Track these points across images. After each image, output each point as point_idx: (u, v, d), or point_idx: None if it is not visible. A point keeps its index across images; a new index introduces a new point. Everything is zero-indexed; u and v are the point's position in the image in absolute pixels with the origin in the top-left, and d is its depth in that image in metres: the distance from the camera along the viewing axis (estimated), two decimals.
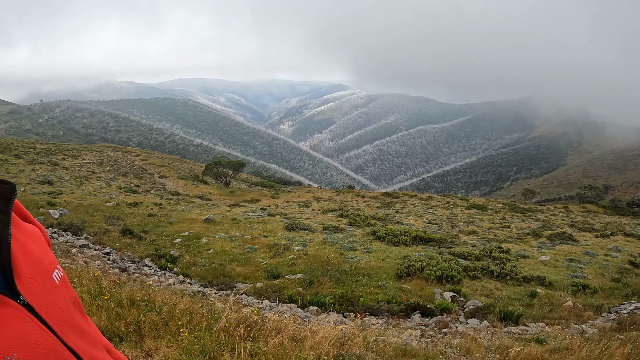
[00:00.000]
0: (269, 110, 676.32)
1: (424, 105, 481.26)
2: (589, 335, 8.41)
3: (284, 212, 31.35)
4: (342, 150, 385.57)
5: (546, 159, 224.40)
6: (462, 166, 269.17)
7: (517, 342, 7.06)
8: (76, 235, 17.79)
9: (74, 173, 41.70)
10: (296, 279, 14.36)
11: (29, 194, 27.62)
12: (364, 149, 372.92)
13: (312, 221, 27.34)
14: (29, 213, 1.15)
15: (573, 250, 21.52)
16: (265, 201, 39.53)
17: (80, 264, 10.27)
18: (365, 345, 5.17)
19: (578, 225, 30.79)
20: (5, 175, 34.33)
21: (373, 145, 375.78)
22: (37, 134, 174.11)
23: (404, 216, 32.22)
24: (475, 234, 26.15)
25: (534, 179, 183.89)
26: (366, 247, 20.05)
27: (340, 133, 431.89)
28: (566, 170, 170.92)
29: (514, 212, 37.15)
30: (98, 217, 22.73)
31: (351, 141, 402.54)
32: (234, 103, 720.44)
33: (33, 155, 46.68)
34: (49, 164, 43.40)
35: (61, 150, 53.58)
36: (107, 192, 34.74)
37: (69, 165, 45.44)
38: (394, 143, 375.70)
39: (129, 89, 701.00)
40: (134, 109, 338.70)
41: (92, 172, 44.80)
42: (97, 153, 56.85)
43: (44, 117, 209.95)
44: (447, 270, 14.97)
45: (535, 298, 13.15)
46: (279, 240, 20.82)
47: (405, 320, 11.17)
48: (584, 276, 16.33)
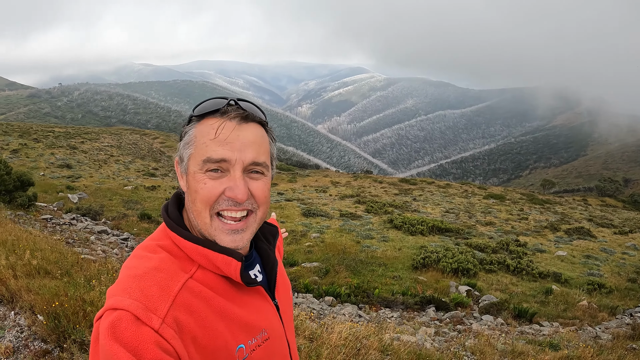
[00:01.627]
0: (287, 93, 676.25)
1: (443, 90, 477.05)
2: (603, 341, 8.32)
3: (301, 197, 31.43)
4: (360, 134, 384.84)
5: (566, 149, 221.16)
6: (480, 153, 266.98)
7: (531, 346, 7.01)
8: (95, 220, 18.01)
9: (92, 156, 42.05)
10: (312, 267, 14.41)
11: (49, 178, 27.98)
12: (382, 133, 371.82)
13: (329, 207, 27.37)
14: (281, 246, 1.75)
15: (590, 246, 21.25)
16: (283, 185, 39.57)
17: (98, 255, 10.38)
18: (381, 348, 5.17)
19: (596, 220, 30.39)
20: (24, 159, 34.80)
21: (391, 130, 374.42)
22: (56, 117, 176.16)
23: (422, 204, 32.07)
24: (492, 225, 25.95)
25: (553, 169, 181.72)
26: (383, 235, 20.02)
27: (358, 116, 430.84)
28: (586, 161, 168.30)
29: (532, 203, 36.76)
30: (116, 201, 22.99)
31: (369, 125, 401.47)
32: (252, 85, 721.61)
33: (52, 139, 47.09)
34: (67, 147, 43.76)
35: (80, 134, 53.93)
36: (125, 176, 35.02)
37: (87, 148, 45.81)
38: (412, 127, 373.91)
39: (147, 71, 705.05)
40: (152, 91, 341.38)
41: (110, 155, 45.13)
42: (116, 136, 57.20)
43: (62, 101, 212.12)
44: (463, 263, 14.90)
45: (550, 295, 13.02)
46: (296, 226, 20.89)
47: (419, 314, 11.16)
48: (600, 274, 16.14)
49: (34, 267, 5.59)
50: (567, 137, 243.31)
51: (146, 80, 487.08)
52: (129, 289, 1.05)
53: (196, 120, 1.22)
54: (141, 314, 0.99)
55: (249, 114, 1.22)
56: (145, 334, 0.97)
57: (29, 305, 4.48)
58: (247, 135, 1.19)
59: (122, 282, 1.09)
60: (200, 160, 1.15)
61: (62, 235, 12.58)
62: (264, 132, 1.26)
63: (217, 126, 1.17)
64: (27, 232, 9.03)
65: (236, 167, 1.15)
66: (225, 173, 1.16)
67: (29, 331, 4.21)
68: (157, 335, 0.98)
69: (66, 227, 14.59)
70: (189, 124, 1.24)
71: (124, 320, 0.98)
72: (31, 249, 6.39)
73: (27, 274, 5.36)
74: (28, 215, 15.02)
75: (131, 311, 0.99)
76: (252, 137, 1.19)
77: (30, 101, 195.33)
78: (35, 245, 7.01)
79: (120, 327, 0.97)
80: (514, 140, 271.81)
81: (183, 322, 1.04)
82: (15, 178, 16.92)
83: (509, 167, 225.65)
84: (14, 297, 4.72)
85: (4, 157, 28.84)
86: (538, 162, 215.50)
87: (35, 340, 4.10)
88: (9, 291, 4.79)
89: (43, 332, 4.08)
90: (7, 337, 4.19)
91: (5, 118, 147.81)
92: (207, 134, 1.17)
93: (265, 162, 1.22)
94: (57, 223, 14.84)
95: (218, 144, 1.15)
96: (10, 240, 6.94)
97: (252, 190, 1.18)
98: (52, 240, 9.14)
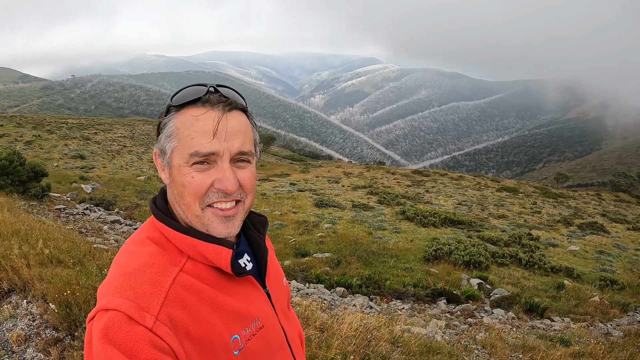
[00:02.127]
0: (300, 83, 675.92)
1: (457, 81, 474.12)
2: (614, 338, 8.23)
3: (313, 188, 31.45)
4: (373, 125, 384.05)
5: (580, 142, 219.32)
6: (494, 145, 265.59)
7: (541, 341, 6.96)
8: (108, 210, 18.15)
9: (105, 147, 42.32)
10: (324, 258, 14.40)
11: (62, 169, 28.23)
12: (395, 124, 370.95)
13: (341, 198, 27.36)
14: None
15: (603, 241, 20.99)
16: (295, 176, 39.59)
17: (111, 244, 10.47)
18: (391, 340, 5.16)
19: (610, 216, 30.02)
20: (38, 150, 35.13)
21: (404, 121, 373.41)
22: (70, 109, 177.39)
23: (434, 196, 31.93)
24: (505, 218, 25.78)
25: (567, 162, 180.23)
26: (395, 227, 19.97)
27: (371, 107, 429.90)
28: (600, 155, 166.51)
29: (546, 196, 36.43)
30: (129, 192, 23.13)
31: (382, 116, 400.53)
32: (264, 76, 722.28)
33: (65, 130, 47.40)
34: (81, 138, 44.05)
35: (93, 125, 54.24)
36: (138, 166, 35.21)
37: (100, 139, 46.09)
38: (425, 119, 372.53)
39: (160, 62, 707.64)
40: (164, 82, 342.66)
41: (123, 146, 45.38)
42: (129, 127, 57.49)
43: (75, 92, 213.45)
44: (475, 256, 14.82)
45: (562, 290, 12.89)
46: (308, 217, 20.90)
47: (430, 306, 11.13)
48: (613, 270, 15.94)
49: (47, 257, 5.63)
50: (581, 130, 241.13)
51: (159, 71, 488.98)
52: (120, 288, 1.05)
53: (175, 110, 1.20)
54: (134, 314, 1.00)
55: (232, 102, 1.19)
56: (139, 333, 0.98)
57: (41, 294, 4.51)
58: (232, 124, 1.17)
59: (113, 281, 1.09)
60: (187, 153, 1.13)
61: (75, 225, 12.69)
62: (247, 119, 1.24)
63: (200, 117, 1.14)
64: (41, 222, 9.11)
65: (224, 158, 1.14)
66: (212, 165, 1.15)
67: (41, 319, 4.25)
68: (151, 334, 0.98)
69: (79, 217, 14.71)
70: (168, 114, 1.21)
71: (116, 321, 0.98)
72: (44, 239, 6.44)
73: (40, 263, 5.41)
74: (42, 205, 15.17)
75: (123, 311, 1.00)
76: (237, 126, 1.18)
77: (43, 93, 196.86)
78: (48, 234, 7.07)
79: (114, 328, 0.97)
80: (528, 133, 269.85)
81: (176, 317, 1.04)
82: (29, 169, 17.07)
83: (522, 160, 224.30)
84: (27, 286, 4.76)
85: (18, 149, 29.18)
86: (552, 155, 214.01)
87: (47, 328, 4.14)
88: (22, 280, 4.82)
89: (55, 321, 4.12)
90: (20, 325, 4.23)
91: (19, 110, 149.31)
92: (190, 125, 1.14)
93: (251, 151, 1.21)
94: (70, 213, 14.97)
95: (204, 136, 1.13)
96: (23, 230, 7.00)
97: (240, 179, 1.18)
98: (65, 230, 9.22)
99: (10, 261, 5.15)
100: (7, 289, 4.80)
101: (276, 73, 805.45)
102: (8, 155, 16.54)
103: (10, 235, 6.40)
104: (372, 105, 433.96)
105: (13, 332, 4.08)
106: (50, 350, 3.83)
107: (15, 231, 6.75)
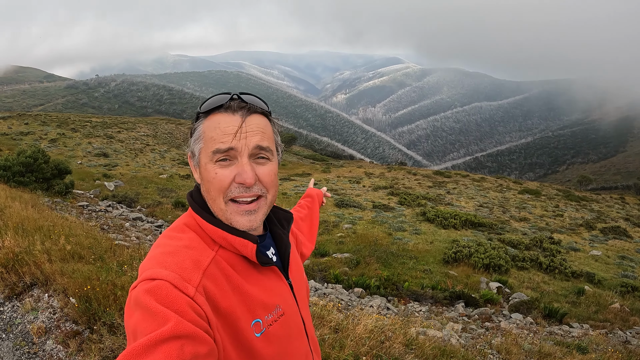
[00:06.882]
0: (322, 83, 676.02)
1: (479, 81, 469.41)
2: (632, 347, 8.08)
3: (334, 188, 31.44)
4: (395, 125, 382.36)
5: (605, 144, 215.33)
6: (517, 146, 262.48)
7: (558, 347, 6.86)
8: (130, 207, 18.40)
9: (128, 145, 42.87)
10: (343, 258, 14.40)
11: (86, 167, 28.68)
12: (417, 125, 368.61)
13: (362, 198, 27.31)
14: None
15: (626, 246, 20.60)
16: (317, 175, 39.63)
17: (132, 241, 10.60)
18: (405, 342, 5.16)
19: (633, 220, 29.41)
20: (62, 148, 35.74)
21: (427, 121, 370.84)
22: (93, 108, 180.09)
23: (455, 197, 31.67)
24: (526, 220, 25.46)
25: (591, 165, 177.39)
26: (415, 228, 19.89)
27: (393, 107, 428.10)
28: (625, 157, 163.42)
29: (569, 200, 35.89)
30: (151, 189, 23.40)
31: (404, 116, 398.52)
32: (287, 75, 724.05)
33: (89, 128, 48.22)
34: (104, 137, 44.72)
35: (116, 124, 55.01)
36: (160, 164, 35.61)
37: (124, 137, 46.71)
38: (448, 119, 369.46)
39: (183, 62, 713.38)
40: (187, 81, 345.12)
41: (146, 144, 45.91)
42: (152, 125, 58.11)
43: (99, 91, 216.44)
44: (495, 259, 14.69)
45: (582, 296, 12.67)
46: (328, 217, 20.92)
47: (448, 309, 11.07)
48: (635, 276, 15.59)
49: (68, 252, 5.74)
50: (606, 132, 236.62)
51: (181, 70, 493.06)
52: (165, 263, 1.16)
53: (203, 117, 1.32)
54: (178, 283, 1.10)
55: (252, 106, 1.31)
56: (183, 298, 1.08)
57: (62, 288, 4.61)
58: (250, 124, 1.28)
59: (157, 257, 1.19)
60: (210, 152, 1.26)
61: (98, 221, 12.88)
62: (267, 121, 1.36)
63: (222, 120, 1.27)
64: (63, 219, 9.27)
65: (243, 153, 1.25)
66: (233, 161, 1.26)
67: (61, 313, 4.35)
68: (192, 301, 1.09)
69: (102, 213, 14.94)
70: (197, 120, 1.35)
71: (163, 288, 1.08)
72: (66, 235, 6.56)
73: (62, 259, 5.52)
74: (65, 202, 15.44)
75: (169, 280, 1.10)
76: (255, 126, 1.29)
77: (67, 92, 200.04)
78: (70, 231, 7.19)
79: (160, 292, 1.07)
80: (552, 134, 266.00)
81: (210, 291, 1.16)
82: (53, 166, 17.40)
83: (545, 162, 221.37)
84: (48, 280, 4.87)
85: (43, 146, 29.74)
86: (576, 157, 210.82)
87: (66, 321, 4.23)
88: (44, 274, 4.94)
89: (74, 314, 4.21)
90: (40, 317, 4.34)
91: (43, 109, 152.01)
92: (213, 128, 1.27)
93: (269, 147, 1.31)
94: (93, 210, 15.21)
95: (224, 135, 1.25)
96: (46, 226, 7.14)
97: (259, 174, 1.28)
98: (87, 227, 9.37)
99: (33, 256, 5.27)
100: (30, 283, 4.92)
101: (298, 72, 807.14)
102: (32, 153, 16.89)
103: (34, 231, 6.53)
104: (394, 105, 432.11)
105: (34, 324, 4.19)
106: (69, 343, 3.92)
107: (38, 227, 6.89)
